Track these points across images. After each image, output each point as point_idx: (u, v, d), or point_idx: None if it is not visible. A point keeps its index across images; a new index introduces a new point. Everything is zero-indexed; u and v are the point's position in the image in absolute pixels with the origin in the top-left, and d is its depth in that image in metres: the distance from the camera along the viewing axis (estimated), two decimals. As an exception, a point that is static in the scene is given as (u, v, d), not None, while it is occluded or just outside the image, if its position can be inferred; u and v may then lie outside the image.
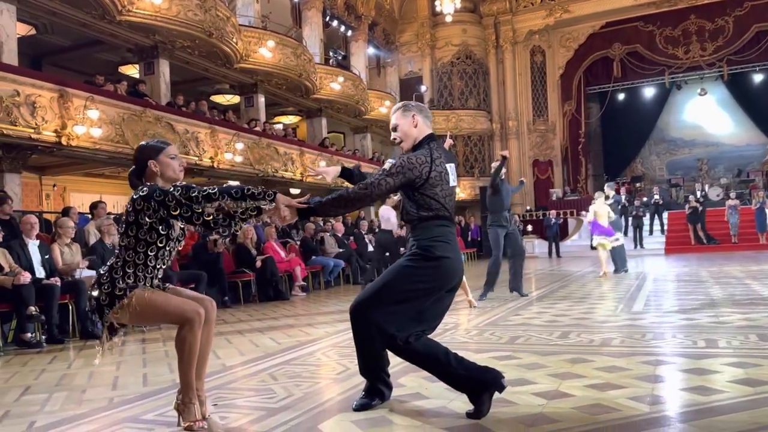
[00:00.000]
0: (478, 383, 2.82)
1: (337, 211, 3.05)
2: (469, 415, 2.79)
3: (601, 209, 10.77)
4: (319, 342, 5.06)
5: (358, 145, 21.49)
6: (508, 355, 4.06)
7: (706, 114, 25.39)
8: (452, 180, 3.01)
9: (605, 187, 12.21)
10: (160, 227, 2.74)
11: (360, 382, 3.54)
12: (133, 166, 2.91)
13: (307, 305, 8.36)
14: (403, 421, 2.73)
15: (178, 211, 2.67)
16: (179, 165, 2.90)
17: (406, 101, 3.23)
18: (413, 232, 3.01)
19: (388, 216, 9.60)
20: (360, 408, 2.94)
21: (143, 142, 2.97)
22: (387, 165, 2.98)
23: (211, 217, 2.69)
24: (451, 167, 3.02)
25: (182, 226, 2.87)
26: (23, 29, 11.74)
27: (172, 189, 2.72)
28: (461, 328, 5.61)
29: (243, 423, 2.85)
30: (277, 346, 4.96)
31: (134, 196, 2.74)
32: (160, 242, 2.78)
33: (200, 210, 2.68)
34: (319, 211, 2.93)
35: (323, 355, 4.46)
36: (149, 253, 2.77)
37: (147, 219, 2.71)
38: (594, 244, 10.94)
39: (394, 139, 3.12)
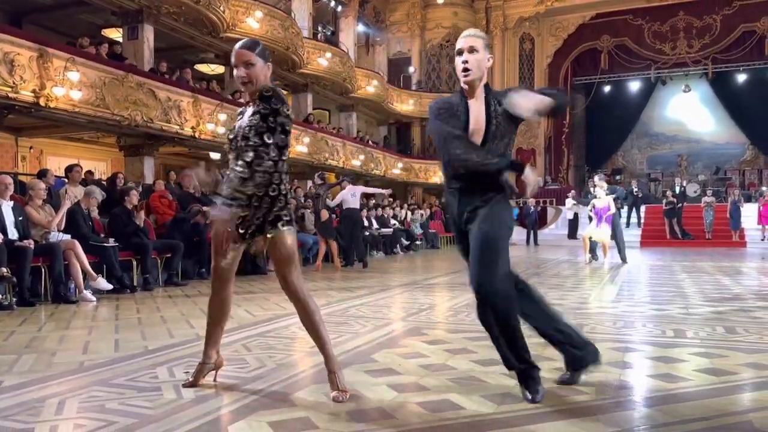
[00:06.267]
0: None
1: None
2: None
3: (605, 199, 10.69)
4: (294, 316, 5.03)
5: (343, 124, 21.38)
6: (482, 336, 4.07)
7: (688, 111, 25.69)
8: None
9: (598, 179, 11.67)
10: None
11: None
12: None
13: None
14: (375, 395, 2.75)
15: None
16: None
17: (481, 32, 2.79)
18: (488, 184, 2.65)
19: (356, 192, 10.15)
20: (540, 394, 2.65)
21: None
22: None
23: None
24: None
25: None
26: (3, -15, 11.42)
27: None
28: (437, 308, 5.65)
29: (213, 390, 2.85)
30: (252, 318, 4.95)
31: None
32: None
33: None
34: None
35: (298, 329, 4.45)
36: None
37: None
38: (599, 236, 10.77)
39: (466, 62, 2.63)
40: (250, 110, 2.73)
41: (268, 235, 2.70)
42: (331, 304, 5.75)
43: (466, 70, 2.64)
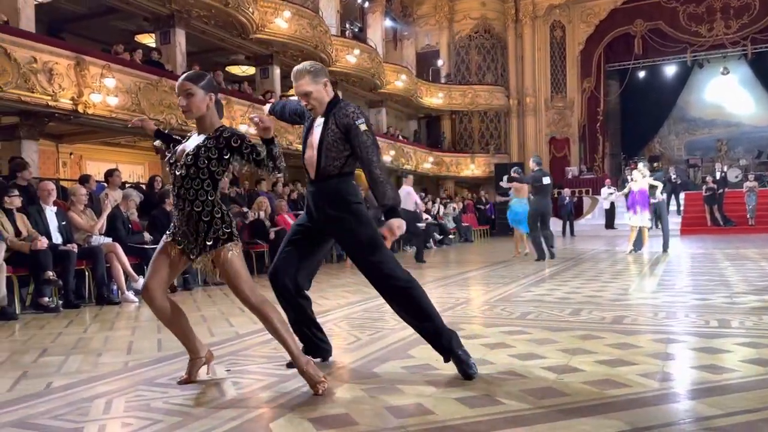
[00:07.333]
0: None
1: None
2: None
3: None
4: (331, 313, 5.11)
5: (373, 120, 21.35)
6: (519, 330, 4.07)
7: (727, 93, 24.92)
8: None
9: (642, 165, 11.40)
10: None
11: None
12: None
13: (318, 277, 8.38)
14: (413, 391, 2.76)
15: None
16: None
17: (310, 63, 3.15)
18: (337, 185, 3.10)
19: (410, 194, 10.11)
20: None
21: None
22: (363, 126, 3.01)
23: None
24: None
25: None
26: (40, -4, 11.72)
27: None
28: (472, 303, 5.63)
29: (255, 388, 2.90)
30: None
31: None
32: None
33: None
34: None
35: (335, 326, 4.50)
36: None
37: None
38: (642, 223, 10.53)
39: (306, 106, 3.11)
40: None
41: (209, 256, 2.84)
42: (366, 300, 5.77)
43: (311, 110, 3.11)
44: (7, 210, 5.93)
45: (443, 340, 3.01)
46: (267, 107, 3.58)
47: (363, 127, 3.00)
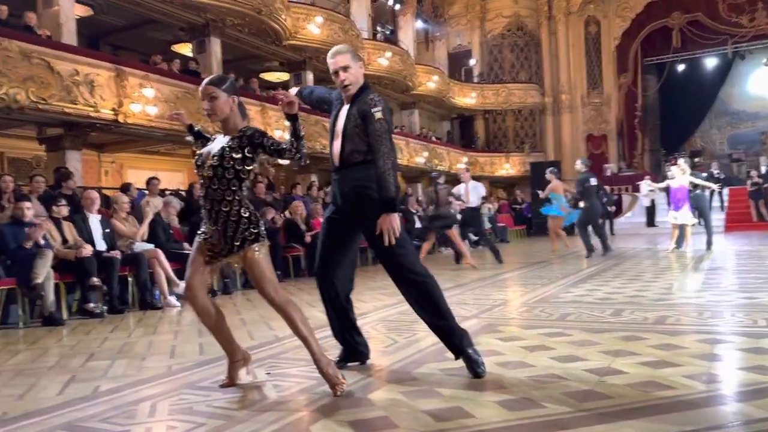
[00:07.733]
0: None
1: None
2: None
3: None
4: (368, 316, 5.12)
5: (405, 121, 21.37)
6: (559, 332, 4.01)
7: (772, 85, 24.15)
8: None
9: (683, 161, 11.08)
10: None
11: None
12: None
13: (355, 280, 8.43)
14: (452, 394, 2.75)
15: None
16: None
17: (347, 46, 3.26)
18: (361, 172, 3.09)
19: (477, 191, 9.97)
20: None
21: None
22: (378, 115, 3.02)
23: None
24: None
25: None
26: (81, 10, 12.07)
27: None
28: (510, 304, 5.58)
29: (295, 391, 2.93)
30: (327, 319, 5.03)
31: None
32: None
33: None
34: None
35: (372, 329, 4.51)
36: None
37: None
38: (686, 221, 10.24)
39: (343, 80, 3.09)
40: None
41: (238, 256, 2.91)
42: (402, 302, 5.75)
43: (346, 87, 3.10)
44: (55, 219, 6.14)
45: (455, 339, 3.05)
46: (294, 89, 3.59)
47: (378, 115, 3.01)
